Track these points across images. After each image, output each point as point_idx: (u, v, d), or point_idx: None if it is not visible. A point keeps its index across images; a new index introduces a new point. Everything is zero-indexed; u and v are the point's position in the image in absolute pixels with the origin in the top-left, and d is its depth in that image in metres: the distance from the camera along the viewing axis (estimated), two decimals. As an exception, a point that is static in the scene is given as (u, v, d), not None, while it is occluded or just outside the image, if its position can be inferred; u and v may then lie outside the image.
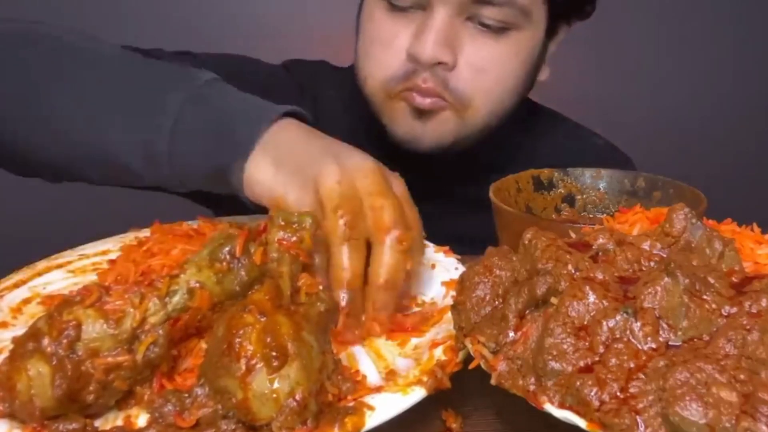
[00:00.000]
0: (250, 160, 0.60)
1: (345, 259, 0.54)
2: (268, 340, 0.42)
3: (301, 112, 0.66)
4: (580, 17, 0.92)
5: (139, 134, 0.64)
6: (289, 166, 0.59)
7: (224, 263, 0.50)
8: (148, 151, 0.63)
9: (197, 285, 0.49)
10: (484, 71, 0.82)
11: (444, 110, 0.83)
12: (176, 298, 0.48)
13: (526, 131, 0.99)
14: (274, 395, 0.41)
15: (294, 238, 0.52)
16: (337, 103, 0.99)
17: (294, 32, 1.76)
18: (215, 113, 0.63)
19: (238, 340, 0.42)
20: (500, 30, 0.81)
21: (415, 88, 0.82)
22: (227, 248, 0.51)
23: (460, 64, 0.81)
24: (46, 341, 0.44)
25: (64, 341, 0.44)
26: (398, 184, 0.61)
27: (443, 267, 0.66)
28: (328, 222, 0.54)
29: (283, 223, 0.52)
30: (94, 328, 0.45)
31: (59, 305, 0.46)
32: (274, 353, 0.42)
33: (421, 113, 0.83)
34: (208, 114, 0.63)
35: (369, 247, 0.56)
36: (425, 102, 0.82)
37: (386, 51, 0.83)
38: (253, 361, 0.41)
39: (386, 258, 0.55)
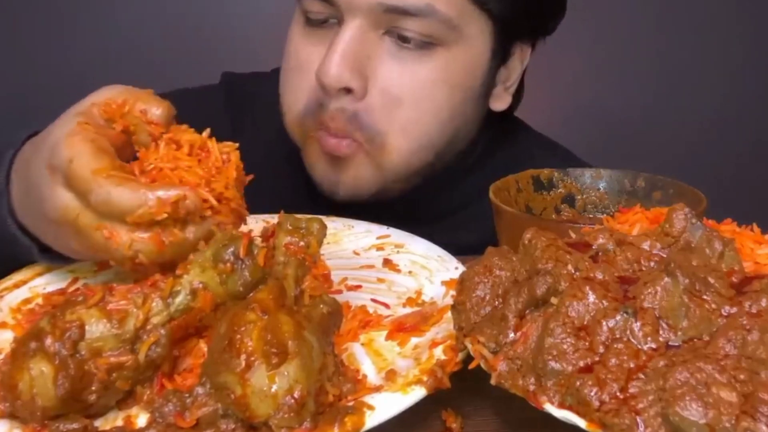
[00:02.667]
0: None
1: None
2: (269, 337, 0.42)
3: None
4: (540, 35, 0.81)
5: None
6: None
7: (228, 264, 0.50)
8: None
9: (200, 285, 0.49)
10: (399, 101, 0.71)
11: (357, 154, 0.73)
12: (179, 299, 0.48)
13: (504, 160, 0.86)
14: (273, 392, 0.41)
15: (301, 243, 0.52)
16: (272, 122, 0.89)
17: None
18: None
19: (238, 336, 0.42)
20: (424, 46, 0.70)
21: (324, 126, 0.72)
22: (231, 249, 0.51)
23: (372, 93, 0.70)
24: (48, 341, 0.44)
25: (67, 341, 0.44)
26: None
27: (443, 266, 0.66)
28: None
29: (290, 228, 0.53)
30: (97, 328, 0.45)
31: (62, 305, 0.46)
32: (274, 350, 0.42)
33: (334, 159, 0.74)
34: None
35: None
36: (336, 147, 0.72)
37: (300, 77, 0.74)
38: (253, 358, 0.42)
39: None
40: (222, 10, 1.84)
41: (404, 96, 0.71)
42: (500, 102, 0.83)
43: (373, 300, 0.61)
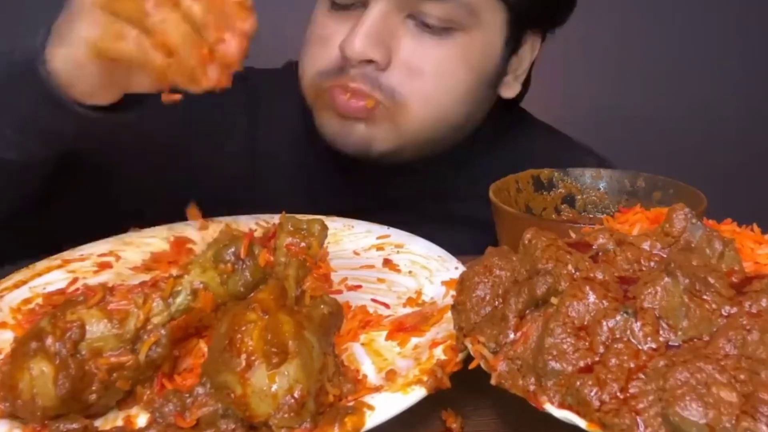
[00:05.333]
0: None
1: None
2: (269, 337, 0.42)
3: None
4: (550, 25, 0.86)
5: None
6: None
7: (229, 264, 0.51)
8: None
9: (201, 286, 0.49)
10: (421, 72, 0.76)
11: (374, 111, 0.77)
12: (180, 299, 0.48)
13: (511, 146, 0.92)
14: (273, 392, 0.41)
15: (303, 244, 0.52)
16: (295, 109, 0.94)
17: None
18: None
19: (239, 336, 0.42)
20: (443, 31, 0.75)
21: (344, 87, 0.77)
22: (232, 249, 0.51)
23: (395, 65, 0.76)
24: (49, 341, 0.44)
25: (68, 341, 0.44)
26: None
27: (443, 266, 0.66)
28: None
29: (292, 229, 0.53)
30: (98, 328, 0.45)
31: (63, 305, 0.46)
32: (274, 350, 0.42)
33: (346, 116, 0.78)
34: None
35: None
36: (350, 108, 0.77)
37: (322, 48, 0.79)
38: (253, 357, 0.42)
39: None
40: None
41: (425, 68, 0.76)
42: (510, 90, 0.87)
43: (374, 300, 0.61)
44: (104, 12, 0.56)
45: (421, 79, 0.76)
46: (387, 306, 0.61)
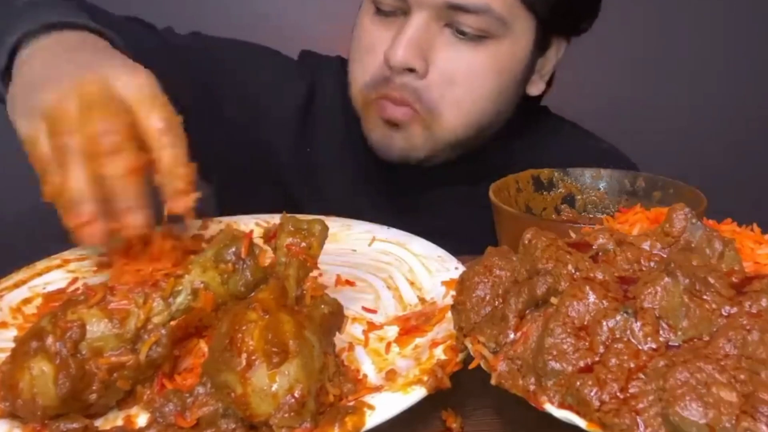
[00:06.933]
0: (9, 90, 0.60)
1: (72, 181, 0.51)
2: (270, 336, 0.42)
3: (85, 23, 0.64)
4: (576, 32, 0.92)
5: None
6: (23, 94, 0.58)
7: (229, 264, 0.51)
8: None
9: (201, 285, 0.49)
10: (454, 81, 0.82)
11: (413, 123, 0.83)
12: (180, 299, 0.48)
13: (529, 136, 0.98)
14: (273, 391, 0.41)
15: (303, 244, 0.53)
16: (338, 101, 0.99)
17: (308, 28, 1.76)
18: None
19: (240, 335, 0.42)
20: (477, 38, 0.81)
21: (388, 96, 0.82)
22: (232, 249, 0.51)
23: (432, 74, 0.81)
24: (50, 340, 0.44)
25: (68, 341, 0.44)
26: (134, 86, 0.54)
27: (443, 266, 0.66)
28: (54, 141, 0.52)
29: (292, 229, 0.53)
30: (98, 328, 0.45)
31: (63, 305, 0.46)
32: (275, 350, 0.42)
33: (391, 124, 0.84)
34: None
35: None
36: (396, 112, 0.83)
37: (368, 55, 0.85)
38: (254, 357, 0.42)
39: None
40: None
41: (458, 77, 0.82)
42: (536, 88, 0.93)
43: (365, 308, 0.61)
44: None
45: (454, 88, 0.82)
46: (374, 312, 0.60)
